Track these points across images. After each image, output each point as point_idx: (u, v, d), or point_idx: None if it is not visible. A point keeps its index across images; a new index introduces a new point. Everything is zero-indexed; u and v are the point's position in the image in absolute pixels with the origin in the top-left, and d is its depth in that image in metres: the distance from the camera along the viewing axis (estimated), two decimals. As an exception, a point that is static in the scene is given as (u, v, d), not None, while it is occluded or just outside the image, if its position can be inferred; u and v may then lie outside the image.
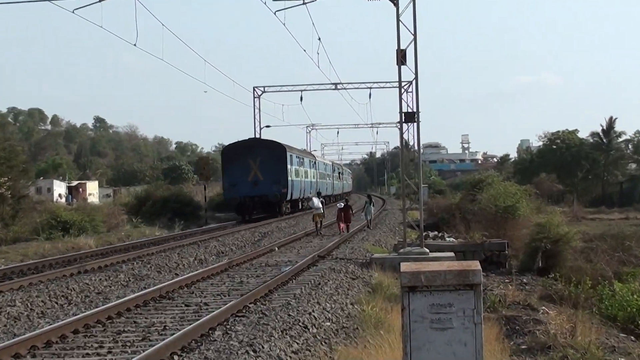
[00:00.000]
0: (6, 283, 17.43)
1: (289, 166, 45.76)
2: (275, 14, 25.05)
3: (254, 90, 58.67)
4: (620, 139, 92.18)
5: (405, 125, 23.86)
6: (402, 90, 22.92)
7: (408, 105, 24.40)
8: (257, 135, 56.25)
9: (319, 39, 51.57)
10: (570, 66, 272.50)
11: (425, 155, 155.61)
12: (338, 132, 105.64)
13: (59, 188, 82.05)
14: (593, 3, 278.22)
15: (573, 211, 58.47)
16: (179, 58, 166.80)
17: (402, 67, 21.79)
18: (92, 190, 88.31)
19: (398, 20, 21.54)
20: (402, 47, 21.65)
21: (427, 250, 22.49)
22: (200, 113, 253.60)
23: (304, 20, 77.05)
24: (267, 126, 64.55)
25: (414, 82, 22.38)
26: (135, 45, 25.34)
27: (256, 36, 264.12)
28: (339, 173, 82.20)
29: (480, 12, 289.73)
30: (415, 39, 21.58)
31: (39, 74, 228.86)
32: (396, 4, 21.72)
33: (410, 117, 22.64)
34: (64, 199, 74.65)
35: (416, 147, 24.22)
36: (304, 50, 32.09)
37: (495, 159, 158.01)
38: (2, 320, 13.50)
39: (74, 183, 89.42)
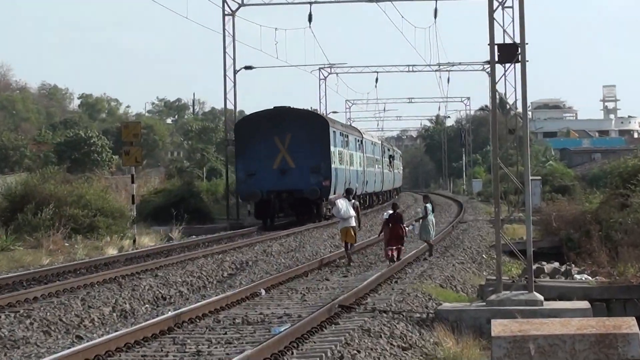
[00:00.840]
0: None
1: (332, 148, 50.91)
2: None
3: (224, 2, 58.74)
4: None
5: (500, 69, 23.88)
6: (495, 4, 22.88)
7: (505, 32, 24.37)
8: (230, 83, 57.11)
9: None
10: None
11: (538, 122, 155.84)
12: (377, 79, 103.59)
13: None
14: None
15: None
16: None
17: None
18: None
19: None
20: None
21: (541, 298, 22.56)
22: (123, 45, 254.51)
23: None
24: (248, 67, 64.50)
25: (517, -11, 22.35)
26: None
27: None
28: (390, 157, 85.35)
29: None
30: None
31: None
32: None
33: (510, 53, 22.60)
34: None
35: (520, 108, 24.18)
36: None
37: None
38: None
39: None
